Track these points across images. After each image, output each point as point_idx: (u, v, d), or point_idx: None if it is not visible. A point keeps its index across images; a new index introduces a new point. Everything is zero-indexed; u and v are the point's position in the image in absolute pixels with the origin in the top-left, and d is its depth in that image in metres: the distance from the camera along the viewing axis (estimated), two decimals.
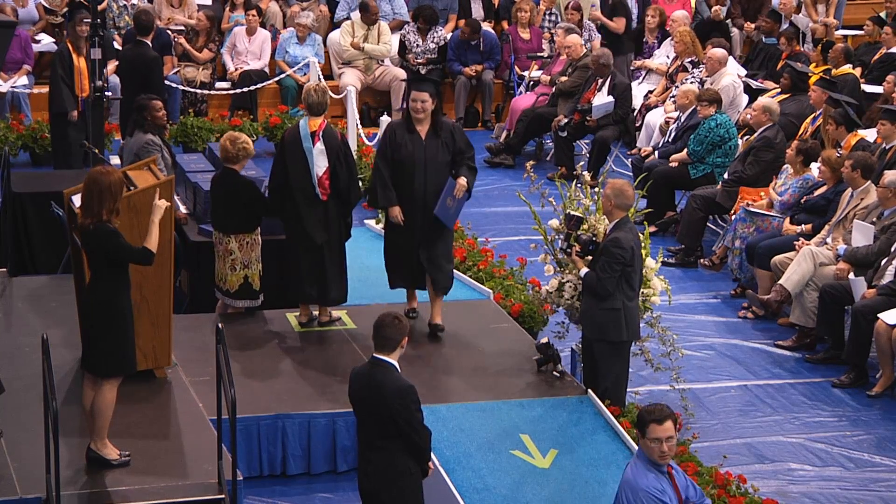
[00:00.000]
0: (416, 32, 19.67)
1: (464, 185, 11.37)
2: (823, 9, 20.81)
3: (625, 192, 10.31)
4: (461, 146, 11.44)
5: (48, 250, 13.35)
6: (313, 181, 11.45)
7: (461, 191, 11.39)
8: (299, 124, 11.60)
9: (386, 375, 8.10)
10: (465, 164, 11.44)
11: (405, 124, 11.45)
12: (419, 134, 11.37)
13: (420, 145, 11.35)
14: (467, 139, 11.57)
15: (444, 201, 11.36)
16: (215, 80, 18.97)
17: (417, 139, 11.37)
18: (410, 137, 11.36)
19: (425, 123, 11.39)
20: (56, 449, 8.65)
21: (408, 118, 11.46)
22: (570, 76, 17.59)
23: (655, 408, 7.95)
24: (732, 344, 12.96)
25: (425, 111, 11.35)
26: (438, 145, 11.36)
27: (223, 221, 11.73)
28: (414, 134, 11.37)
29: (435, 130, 11.37)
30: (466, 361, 11.34)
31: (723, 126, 15.29)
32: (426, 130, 11.38)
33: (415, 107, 11.37)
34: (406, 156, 11.34)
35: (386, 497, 8.20)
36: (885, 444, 11.21)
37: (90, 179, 9.14)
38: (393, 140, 11.40)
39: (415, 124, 11.39)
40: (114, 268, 9.16)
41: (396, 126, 11.53)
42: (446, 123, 11.54)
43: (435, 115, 11.42)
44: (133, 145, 12.66)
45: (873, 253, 12.45)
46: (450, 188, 11.36)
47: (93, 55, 14.37)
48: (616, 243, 10.23)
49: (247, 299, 11.83)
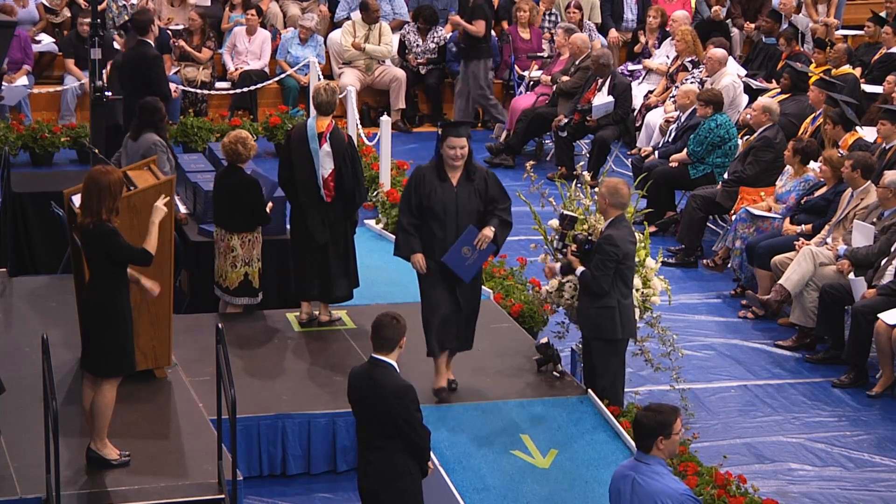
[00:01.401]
0: (416, 32, 19.68)
1: (489, 235, 10.35)
2: (824, 9, 20.82)
3: (619, 190, 10.31)
4: (494, 195, 10.42)
5: (48, 250, 13.35)
6: (318, 182, 11.44)
7: (484, 242, 10.33)
8: (307, 123, 11.58)
9: (385, 376, 8.10)
10: (498, 215, 10.43)
11: (436, 171, 10.42)
12: (451, 181, 10.39)
13: (451, 192, 10.37)
14: (503, 188, 10.55)
15: (457, 249, 10.34)
16: (215, 80, 18.97)
17: (449, 186, 10.38)
18: (441, 185, 10.36)
19: (458, 169, 10.40)
20: (56, 449, 8.65)
21: (439, 165, 10.43)
22: (572, 76, 17.59)
23: (669, 406, 7.76)
24: (732, 344, 12.96)
25: (463, 158, 10.36)
26: (471, 192, 10.39)
27: (226, 219, 11.74)
28: (445, 181, 10.38)
29: (468, 176, 10.40)
30: (466, 361, 11.33)
31: (723, 126, 15.29)
32: (458, 177, 10.40)
33: (452, 154, 10.31)
34: (436, 204, 10.36)
35: (385, 497, 8.20)
36: (885, 444, 11.21)
37: (90, 179, 9.14)
38: (421, 186, 10.40)
39: (447, 171, 10.41)
40: (113, 268, 9.16)
41: (425, 171, 10.46)
42: (479, 169, 10.53)
43: (468, 160, 10.43)
44: (141, 146, 12.64)
45: (873, 253, 12.45)
46: (469, 236, 10.34)
47: (93, 55, 14.36)
48: (609, 241, 10.23)
49: (246, 297, 11.83)
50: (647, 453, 7.51)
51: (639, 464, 7.52)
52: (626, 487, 7.50)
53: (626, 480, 7.52)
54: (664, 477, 7.46)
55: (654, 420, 7.48)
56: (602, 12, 20.45)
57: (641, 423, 7.52)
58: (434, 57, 19.63)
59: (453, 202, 10.37)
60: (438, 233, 10.39)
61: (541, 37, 19.56)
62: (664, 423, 7.47)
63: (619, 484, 7.57)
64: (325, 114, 11.55)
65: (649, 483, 7.43)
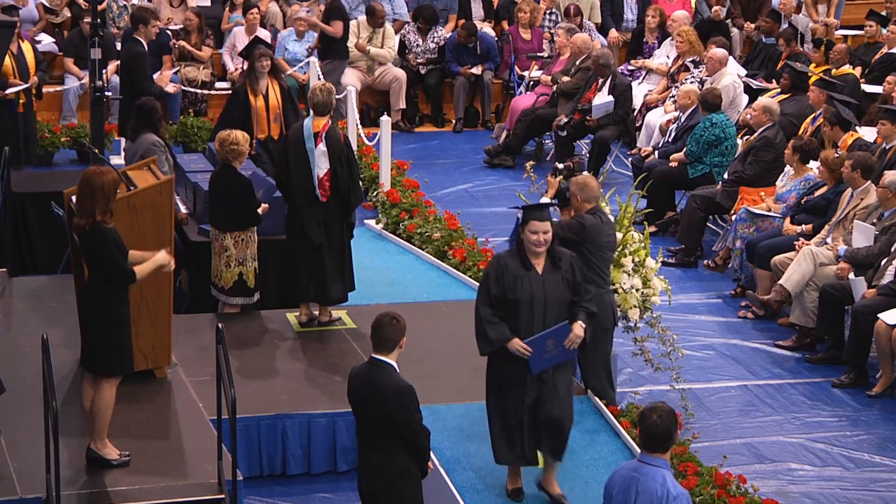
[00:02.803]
0: (417, 32, 19.68)
1: (580, 335, 9.37)
2: (824, 9, 20.82)
3: (588, 184, 10.34)
4: (580, 280, 9.53)
5: (48, 250, 13.35)
6: (314, 182, 11.45)
7: (575, 343, 9.38)
8: (303, 123, 11.59)
9: (385, 376, 8.10)
10: (584, 308, 9.46)
11: (519, 258, 9.37)
12: (536, 269, 9.36)
13: (538, 282, 9.33)
14: (585, 273, 9.75)
15: (542, 339, 9.29)
16: (215, 80, 18.97)
17: (535, 275, 9.33)
18: (526, 274, 9.31)
19: (542, 255, 9.38)
20: (56, 449, 8.65)
21: (521, 251, 9.38)
22: (573, 76, 17.59)
23: (667, 406, 7.70)
24: (732, 344, 12.96)
25: (547, 243, 9.37)
26: (559, 280, 9.38)
27: (220, 218, 11.74)
28: (531, 270, 9.34)
29: (553, 263, 9.40)
30: (466, 361, 11.32)
31: (718, 126, 15.28)
32: (543, 264, 9.38)
33: (536, 240, 9.28)
34: (523, 295, 9.30)
35: (385, 497, 8.20)
36: (885, 444, 11.21)
37: (84, 180, 9.12)
38: (503, 277, 9.31)
39: (531, 259, 9.38)
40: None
41: (506, 260, 9.40)
42: (564, 254, 9.51)
43: (551, 244, 9.43)
44: (138, 146, 12.64)
45: (874, 254, 12.45)
46: (560, 332, 9.32)
47: (93, 55, 14.37)
48: (580, 219, 10.24)
49: (241, 296, 11.83)
50: (660, 455, 7.45)
51: (642, 465, 7.45)
52: (631, 490, 7.44)
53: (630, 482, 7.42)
54: (668, 481, 7.43)
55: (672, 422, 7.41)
56: (602, 12, 20.46)
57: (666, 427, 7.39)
58: (434, 57, 19.63)
59: (541, 293, 9.33)
60: (523, 328, 9.30)
61: (541, 37, 19.57)
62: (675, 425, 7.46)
63: (620, 485, 7.51)
64: (321, 114, 11.55)
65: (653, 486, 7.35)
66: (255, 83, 14.23)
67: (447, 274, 13.20)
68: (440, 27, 19.84)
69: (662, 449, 7.44)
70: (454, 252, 13.43)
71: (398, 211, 14.53)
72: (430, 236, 13.80)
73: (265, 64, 14.24)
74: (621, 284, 11.13)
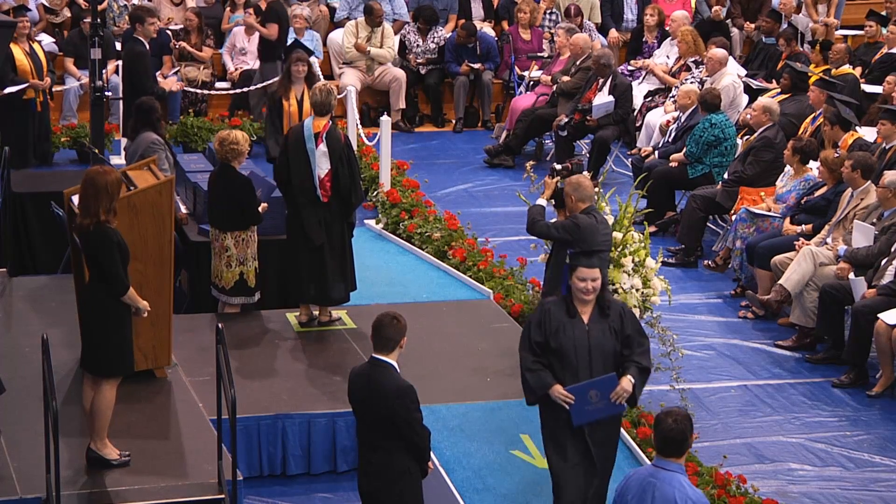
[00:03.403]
0: (417, 32, 19.68)
1: (627, 390, 8.83)
2: (824, 9, 20.82)
3: (582, 184, 10.36)
4: (631, 333, 8.98)
5: (48, 250, 13.35)
6: (314, 182, 11.45)
7: (622, 397, 8.84)
8: (303, 123, 11.60)
9: (385, 375, 8.10)
10: (635, 361, 8.92)
11: (564, 306, 8.97)
12: (581, 317, 8.95)
13: (583, 331, 8.90)
14: (639, 326, 9.12)
15: (585, 388, 8.82)
16: (215, 80, 18.97)
17: (580, 324, 8.91)
18: (571, 322, 8.91)
19: (589, 304, 8.97)
20: (56, 449, 8.65)
21: (568, 299, 9.00)
22: (573, 76, 17.59)
23: (683, 411, 7.60)
24: (732, 344, 12.96)
25: (595, 291, 8.96)
26: (606, 330, 8.94)
27: (220, 218, 11.74)
28: (575, 317, 8.93)
29: (601, 311, 8.97)
30: (466, 361, 11.34)
31: (717, 126, 15.27)
32: (590, 312, 8.96)
33: (584, 287, 8.88)
34: (566, 344, 8.87)
35: (385, 497, 8.20)
36: (885, 444, 11.21)
37: (87, 179, 9.13)
38: (546, 324, 8.91)
39: (578, 306, 8.96)
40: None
41: (551, 306, 9.01)
42: (614, 303, 9.10)
43: (600, 292, 9.02)
44: (138, 145, 12.64)
45: (874, 254, 12.45)
46: (607, 383, 8.82)
47: (93, 55, 14.37)
48: (574, 219, 10.27)
49: (242, 296, 11.83)
50: (675, 460, 7.41)
51: (658, 470, 7.40)
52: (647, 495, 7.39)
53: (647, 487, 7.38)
54: (685, 485, 7.38)
55: (687, 426, 7.39)
56: (602, 12, 20.46)
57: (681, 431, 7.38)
58: (434, 57, 19.63)
59: (585, 342, 8.89)
60: (567, 378, 8.87)
61: (541, 37, 19.56)
62: (691, 426, 7.45)
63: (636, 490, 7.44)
64: (321, 114, 11.55)
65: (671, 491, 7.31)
66: (289, 88, 14.15)
67: (447, 274, 13.21)
68: (440, 27, 19.84)
69: (677, 453, 7.41)
70: (454, 252, 13.43)
71: (398, 211, 14.54)
72: (430, 236, 13.80)
73: (301, 69, 14.15)
74: (621, 284, 11.13)
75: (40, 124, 16.67)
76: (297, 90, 14.12)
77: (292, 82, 14.17)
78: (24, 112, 16.45)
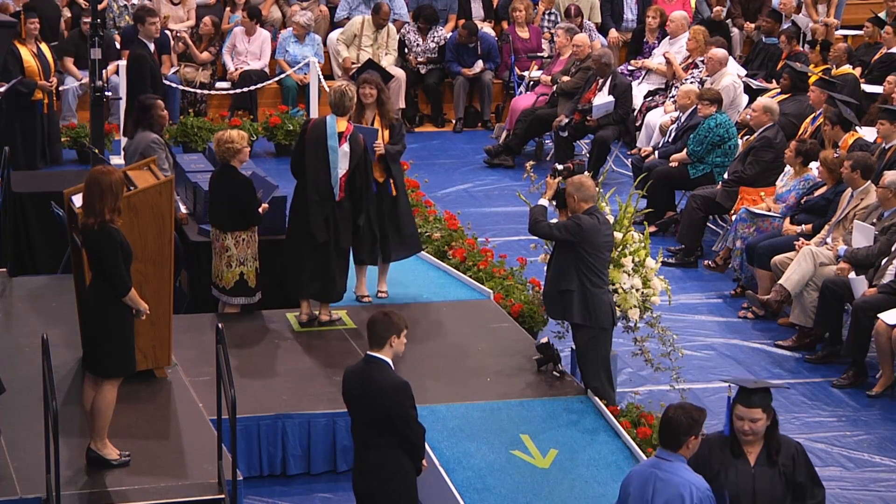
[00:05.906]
0: (417, 32, 19.69)
1: None
2: (824, 9, 20.83)
3: (584, 184, 10.40)
4: (804, 481, 8.01)
5: (48, 250, 13.35)
6: (332, 180, 11.44)
7: None
8: (325, 120, 11.58)
9: (380, 372, 8.10)
10: None
11: (728, 444, 7.98)
12: (746, 457, 7.97)
13: (747, 474, 7.93)
14: (814, 473, 8.12)
15: None
16: (215, 81, 18.98)
17: (744, 465, 7.94)
18: (734, 462, 7.93)
19: (756, 445, 7.97)
20: (56, 449, 8.65)
21: (732, 437, 7.99)
22: (573, 76, 17.59)
23: (696, 407, 7.74)
24: (732, 344, 12.96)
25: (754, 433, 7.93)
26: (774, 476, 7.94)
27: (220, 218, 11.74)
28: (740, 458, 7.95)
29: (769, 454, 7.98)
30: (466, 361, 11.34)
31: (722, 126, 15.29)
32: (757, 453, 7.98)
33: (740, 426, 7.92)
34: (728, 487, 7.87)
35: (380, 496, 8.19)
36: (885, 444, 11.21)
37: (91, 179, 9.14)
38: (707, 464, 7.88)
39: (743, 446, 7.98)
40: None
41: (713, 444, 8.01)
42: (787, 444, 8.06)
43: (772, 433, 8.00)
44: (137, 144, 12.64)
45: (874, 254, 12.45)
46: None
47: (93, 55, 14.36)
48: (576, 220, 10.31)
49: (242, 296, 11.82)
50: (675, 451, 7.52)
51: (660, 461, 7.54)
52: (648, 486, 7.47)
53: (648, 478, 7.50)
54: (687, 472, 7.51)
55: (690, 419, 7.54)
56: (602, 12, 20.47)
57: (678, 422, 7.53)
58: (434, 57, 19.64)
59: (749, 487, 7.90)
60: None
61: (540, 36, 19.57)
62: (698, 423, 7.57)
63: (638, 482, 7.54)
64: (339, 115, 11.57)
65: (671, 477, 7.47)
66: (362, 114, 12.11)
67: (447, 274, 13.20)
68: (440, 27, 19.85)
69: (672, 445, 7.52)
70: (454, 252, 13.42)
71: None
72: (430, 236, 13.80)
73: (369, 92, 12.08)
74: (621, 284, 11.13)
75: (49, 126, 16.65)
76: (369, 117, 12.15)
77: (363, 107, 12.11)
78: (32, 113, 16.44)
